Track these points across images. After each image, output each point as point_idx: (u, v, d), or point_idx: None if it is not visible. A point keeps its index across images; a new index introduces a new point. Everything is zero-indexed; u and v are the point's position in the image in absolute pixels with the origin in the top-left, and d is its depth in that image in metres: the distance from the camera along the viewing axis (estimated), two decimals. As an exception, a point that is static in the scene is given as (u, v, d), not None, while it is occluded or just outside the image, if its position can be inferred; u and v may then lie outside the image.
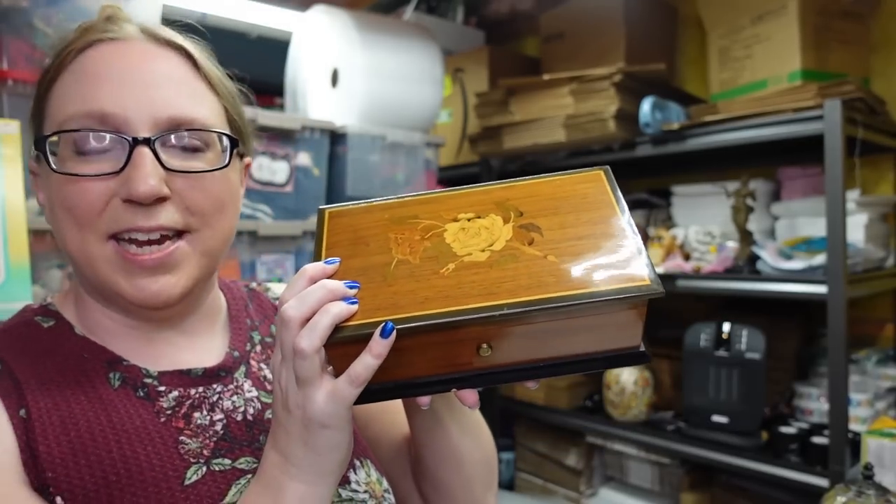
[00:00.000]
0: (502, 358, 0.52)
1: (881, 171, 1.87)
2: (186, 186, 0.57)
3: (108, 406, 0.58)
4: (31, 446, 0.53)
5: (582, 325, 0.51)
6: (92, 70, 0.57)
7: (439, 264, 0.53)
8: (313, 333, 0.48)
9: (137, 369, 0.61)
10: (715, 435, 1.71)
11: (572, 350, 0.52)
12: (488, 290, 0.50)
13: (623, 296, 0.48)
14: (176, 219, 0.57)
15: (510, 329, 0.50)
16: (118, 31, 0.59)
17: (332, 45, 1.88)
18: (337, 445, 0.52)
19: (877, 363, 1.74)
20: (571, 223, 0.55)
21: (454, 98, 2.44)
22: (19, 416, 0.54)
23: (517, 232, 0.54)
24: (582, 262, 0.51)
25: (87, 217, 0.55)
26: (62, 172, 0.55)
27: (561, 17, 2.27)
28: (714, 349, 1.72)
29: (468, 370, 0.52)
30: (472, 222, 0.56)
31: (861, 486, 1.13)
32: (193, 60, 0.61)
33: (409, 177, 1.96)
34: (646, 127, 1.80)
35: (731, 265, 1.72)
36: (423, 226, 0.56)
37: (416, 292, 0.51)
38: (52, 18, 1.29)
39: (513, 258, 0.52)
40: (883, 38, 1.85)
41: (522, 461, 2.29)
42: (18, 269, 1.13)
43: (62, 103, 0.57)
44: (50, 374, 0.58)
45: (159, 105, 0.56)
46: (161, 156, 0.56)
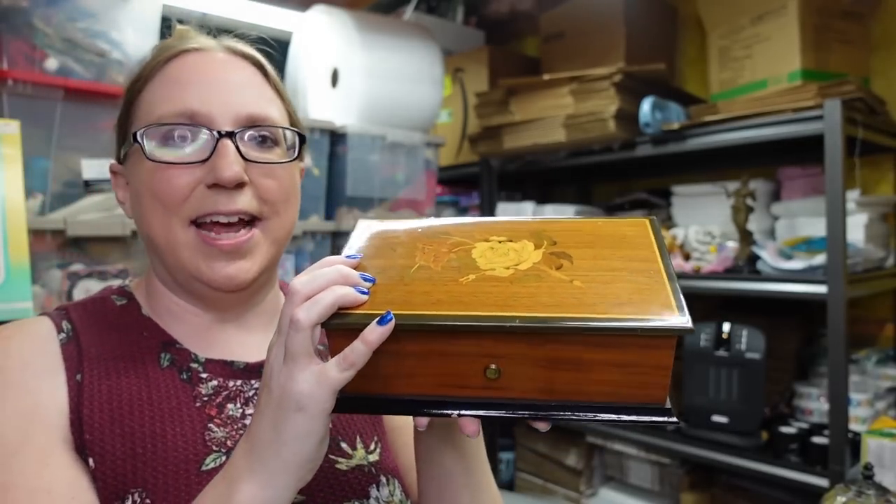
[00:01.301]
0: (511, 386, 0.49)
1: (881, 171, 1.87)
2: (261, 175, 0.64)
3: (152, 383, 0.63)
4: (79, 409, 0.59)
5: (599, 362, 0.47)
6: (180, 76, 0.64)
7: (460, 274, 0.51)
8: (313, 307, 0.48)
9: (188, 353, 0.66)
10: (715, 435, 1.71)
11: (588, 394, 0.48)
12: (504, 301, 0.48)
13: (646, 326, 0.45)
14: (253, 204, 0.63)
15: (520, 349, 0.47)
16: (200, 43, 0.67)
17: (332, 45, 1.88)
18: (305, 434, 0.49)
19: (877, 363, 1.74)
20: (605, 256, 0.52)
21: (454, 98, 2.44)
22: (75, 379, 0.60)
23: (546, 257, 0.52)
24: (609, 291, 0.48)
25: (173, 202, 0.61)
26: (156, 160, 0.61)
27: (561, 17, 2.27)
28: (714, 349, 1.72)
29: (474, 396, 0.49)
30: (503, 244, 0.55)
31: (861, 486, 1.13)
32: (264, 70, 0.69)
33: (409, 177, 1.96)
34: (646, 127, 1.80)
35: (731, 265, 1.72)
36: (453, 241, 0.56)
37: (431, 294, 0.49)
38: (52, 18, 1.29)
39: (536, 278, 0.50)
40: (883, 37, 1.85)
41: (522, 461, 2.29)
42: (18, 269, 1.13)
43: (153, 106, 0.64)
44: (110, 346, 0.64)
45: (239, 105, 0.63)
46: (240, 148, 0.62)
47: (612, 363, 0.47)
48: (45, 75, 1.27)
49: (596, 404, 0.48)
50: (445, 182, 2.55)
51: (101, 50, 1.35)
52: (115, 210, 1.35)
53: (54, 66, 1.29)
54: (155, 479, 0.57)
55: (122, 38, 1.39)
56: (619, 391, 0.48)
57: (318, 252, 1.76)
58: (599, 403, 0.48)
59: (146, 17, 1.43)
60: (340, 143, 1.80)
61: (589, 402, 0.48)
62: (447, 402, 0.50)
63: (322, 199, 1.79)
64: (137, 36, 1.41)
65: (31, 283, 1.17)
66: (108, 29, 1.37)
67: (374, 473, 0.68)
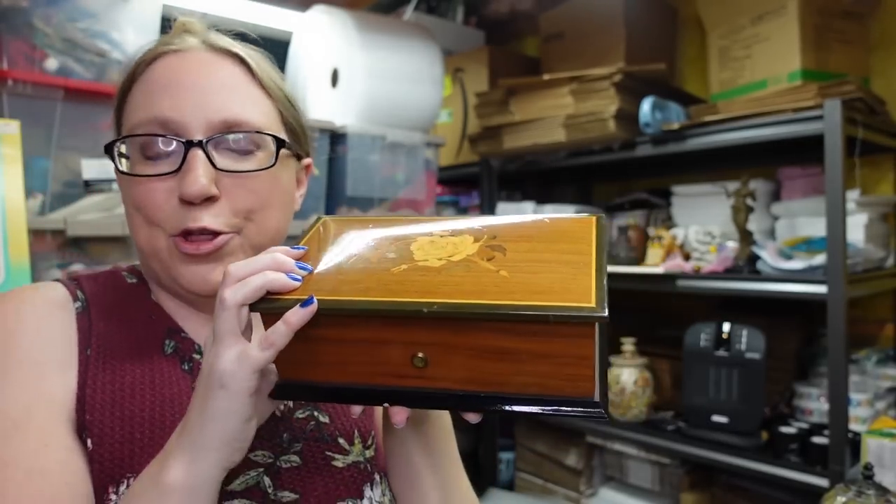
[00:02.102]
0: (440, 376, 0.49)
1: (881, 171, 1.87)
2: (234, 185, 0.61)
3: (155, 369, 0.62)
4: (83, 387, 0.58)
5: (524, 352, 0.47)
6: (156, 81, 0.62)
7: (394, 264, 0.52)
8: (240, 289, 0.49)
9: (191, 343, 0.65)
10: (715, 435, 1.71)
11: (517, 385, 0.49)
12: (427, 289, 0.48)
13: (559, 313, 0.45)
14: (221, 220, 0.61)
15: (443, 337, 0.48)
16: (181, 43, 0.64)
17: (332, 45, 1.88)
18: (227, 412, 0.49)
19: (877, 363, 1.74)
20: (539, 249, 0.52)
21: (454, 98, 2.44)
22: (85, 353, 0.60)
23: (481, 250, 0.53)
24: (532, 280, 0.48)
25: (152, 214, 0.60)
26: (127, 174, 0.61)
27: (561, 17, 2.27)
28: (714, 349, 1.72)
29: (403, 385, 0.51)
30: (444, 238, 0.56)
31: (861, 486, 1.13)
32: (248, 67, 0.65)
33: (409, 177, 1.96)
34: (646, 127, 1.80)
35: (731, 265, 1.72)
36: (397, 234, 0.57)
37: (361, 282, 0.50)
38: (52, 18, 1.29)
39: (465, 268, 0.50)
40: (883, 37, 1.85)
41: (522, 461, 2.29)
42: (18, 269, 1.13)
43: (132, 112, 0.63)
44: (117, 324, 0.63)
45: (213, 109, 0.61)
46: (213, 156, 0.60)
47: (536, 353, 0.47)
48: (45, 75, 1.27)
49: (524, 396, 0.49)
50: (445, 182, 2.55)
51: (101, 50, 1.35)
52: (115, 210, 1.35)
53: (54, 66, 1.29)
54: None
55: (122, 38, 1.39)
56: (546, 382, 0.48)
57: (318, 252, 1.76)
58: (528, 395, 0.49)
59: (146, 17, 1.43)
60: (340, 143, 1.80)
61: (517, 394, 0.49)
62: (379, 391, 0.51)
63: (322, 199, 1.79)
64: (137, 36, 1.41)
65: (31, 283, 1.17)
66: (108, 29, 1.37)
67: (368, 471, 0.67)
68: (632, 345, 1.95)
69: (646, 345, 2.00)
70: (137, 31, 1.41)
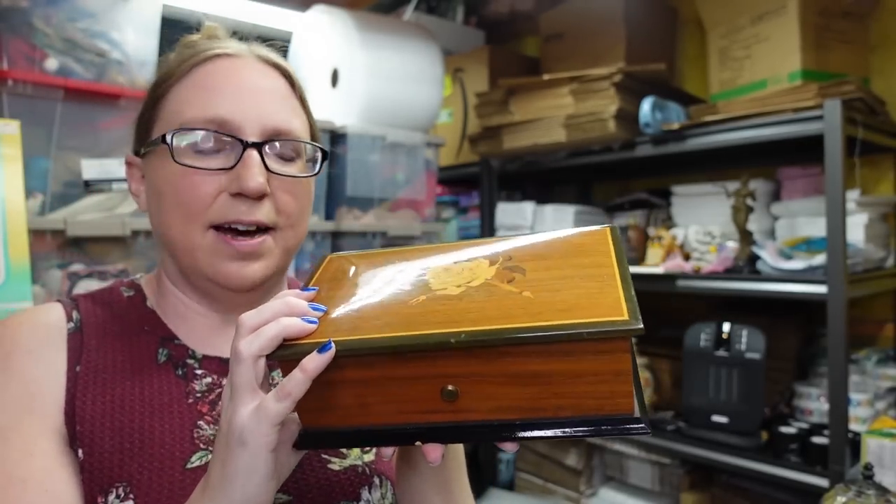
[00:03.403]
0: (473, 407, 0.47)
1: (881, 171, 1.87)
2: (281, 188, 0.65)
3: (146, 379, 0.63)
4: (73, 400, 0.60)
5: (557, 373, 0.45)
6: (211, 81, 0.64)
7: (410, 296, 0.50)
8: (255, 340, 0.48)
9: (185, 350, 0.67)
10: (715, 435, 1.71)
11: (552, 409, 0.46)
12: (451, 319, 0.46)
13: (593, 330, 0.43)
14: (271, 217, 0.64)
15: (473, 367, 0.46)
16: (233, 49, 0.67)
17: (332, 45, 1.88)
18: (248, 471, 0.48)
19: (877, 363, 1.74)
20: (558, 266, 0.51)
21: (454, 98, 2.44)
22: (74, 370, 0.62)
23: (499, 272, 0.51)
24: (557, 298, 0.46)
25: (197, 207, 0.62)
26: (184, 164, 0.62)
27: (561, 17, 2.27)
28: (714, 349, 1.72)
29: (434, 421, 0.48)
30: (458, 265, 0.54)
31: (861, 486, 1.13)
32: (291, 80, 0.69)
33: (409, 177, 1.96)
34: (646, 127, 1.80)
35: (731, 265, 1.72)
36: (409, 267, 0.56)
37: (379, 318, 0.48)
38: (52, 18, 1.29)
39: (487, 293, 0.49)
40: (883, 37, 1.85)
41: (522, 461, 2.29)
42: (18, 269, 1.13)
43: (182, 107, 0.64)
44: (110, 340, 0.65)
45: (266, 116, 0.64)
46: (265, 159, 0.63)
47: (570, 374, 0.45)
48: (45, 75, 1.27)
49: (561, 420, 0.46)
50: (445, 182, 2.55)
51: (101, 50, 1.35)
52: (115, 210, 1.35)
53: (54, 66, 1.29)
54: (140, 474, 0.58)
55: (122, 38, 1.39)
56: (582, 403, 0.46)
57: (318, 252, 1.76)
58: (564, 419, 0.46)
59: (146, 17, 1.43)
60: (340, 143, 1.80)
61: (553, 418, 0.47)
62: (409, 430, 0.49)
63: (322, 199, 1.79)
64: (137, 36, 1.41)
65: (31, 283, 1.17)
66: (108, 29, 1.37)
67: (367, 474, 0.67)
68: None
69: (646, 345, 2.00)
70: (137, 31, 1.41)
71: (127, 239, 1.36)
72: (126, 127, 1.39)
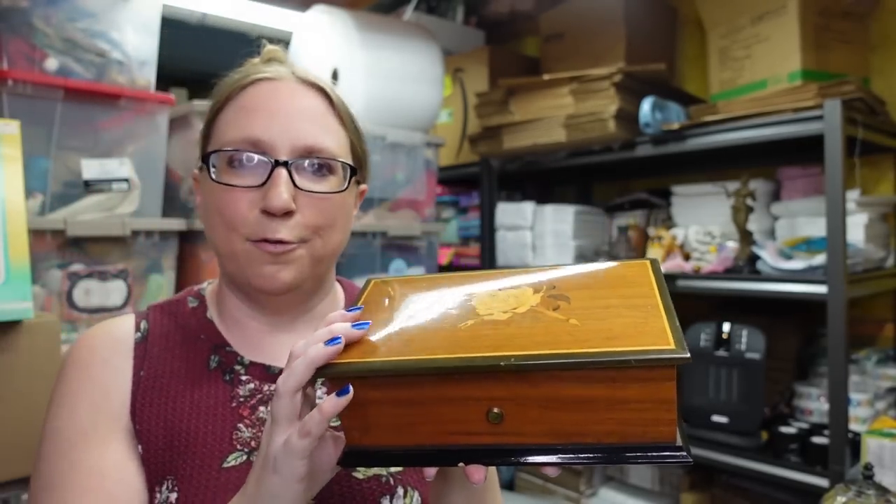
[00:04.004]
0: (517, 430, 0.48)
1: (881, 171, 1.87)
2: (308, 204, 0.68)
3: (196, 383, 0.70)
4: (135, 401, 0.68)
5: (601, 399, 0.46)
6: (250, 104, 0.69)
7: (459, 321, 0.52)
8: (290, 375, 0.51)
9: (234, 356, 0.72)
10: (715, 435, 1.71)
11: (595, 434, 0.47)
12: (499, 343, 0.48)
13: (641, 357, 0.44)
14: (296, 233, 0.68)
15: (519, 390, 0.47)
16: (273, 72, 0.72)
17: (332, 45, 1.88)
18: (274, 496, 0.52)
19: (877, 363, 1.74)
20: (603, 296, 0.52)
21: (454, 98, 2.44)
22: (139, 375, 0.69)
23: (545, 300, 0.53)
24: (603, 326, 0.48)
25: (234, 220, 0.67)
26: (219, 182, 0.68)
27: (561, 17, 2.27)
28: (714, 349, 1.72)
29: (479, 443, 0.49)
30: (504, 292, 0.55)
31: (861, 486, 1.13)
32: (330, 99, 0.73)
33: (409, 177, 1.96)
34: (646, 127, 1.80)
35: (731, 265, 1.72)
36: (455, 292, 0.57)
37: (428, 340, 0.50)
38: (52, 18, 1.29)
39: (533, 319, 0.50)
40: (883, 37, 1.85)
41: (522, 461, 2.29)
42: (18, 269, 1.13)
43: (225, 129, 0.70)
44: (172, 346, 0.72)
45: (298, 135, 0.68)
46: (294, 176, 0.67)
47: (615, 400, 0.46)
48: (45, 75, 1.27)
49: (604, 446, 0.47)
50: (445, 182, 2.55)
51: (101, 50, 1.35)
52: (115, 210, 1.35)
53: (54, 66, 1.29)
54: (184, 470, 0.64)
55: (121, 38, 1.39)
56: (625, 430, 0.47)
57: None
58: (607, 445, 0.47)
59: (146, 17, 1.43)
60: (340, 143, 1.79)
61: (596, 444, 0.48)
62: (453, 450, 0.49)
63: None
64: (137, 36, 1.41)
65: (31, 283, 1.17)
66: (108, 29, 1.37)
67: (391, 484, 0.69)
68: (632, 345, 1.95)
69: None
70: (137, 31, 1.41)
71: (127, 239, 1.36)
72: (126, 126, 1.39)
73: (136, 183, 1.38)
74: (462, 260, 2.49)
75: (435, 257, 2.04)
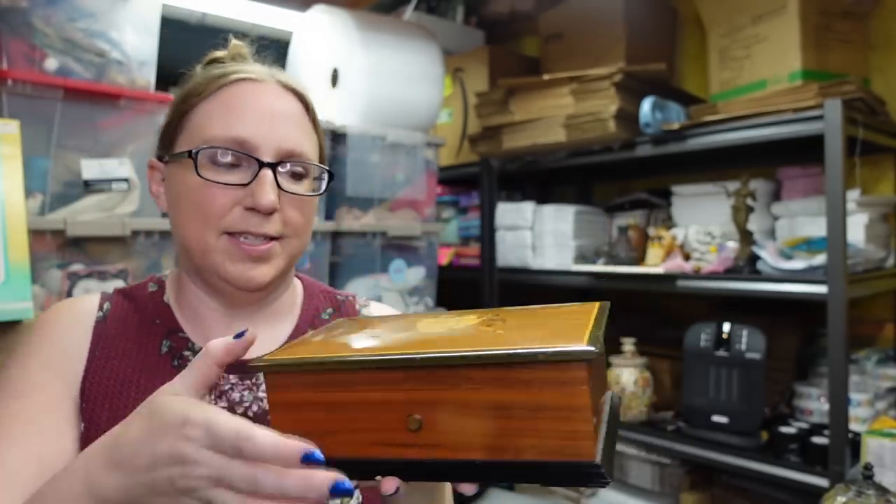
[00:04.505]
0: (436, 440, 0.47)
1: (881, 170, 1.87)
2: (289, 204, 0.72)
3: (146, 368, 0.72)
4: (86, 381, 0.70)
5: (517, 405, 0.45)
6: (235, 102, 0.71)
7: (394, 335, 0.54)
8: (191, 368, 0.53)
9: (186, 342, 0.74)
10: (715, 435, 1.71)
11: (516, 449, 0.46)
12: (422, 343, 0.49)
13: (548, 351, 0.43)
14: (278, 229, 0.71)
15: (436, 392, 0.46)
16: (256, 74, 0.74)
17: (332, 45, 1.88)
18: None
19: (877, 363, 1.74)
20: (540, 318, 0.53)
21: (454, 98, 2.44)
22: (94, 353, 0.72)
23: (483, 321, 0.54)
24: (525, 334, 0.48)
25: (213, 216, 0.69)
26: (206, 179, 0.69)
27: (561, 17, 2.27)
28: (714, 349, 1.72)
29: (397, 457, 0.48)
30: (451, 318, 0.57)
31: (861, 486, 1.13)
32: (306, 105, 0.76)
33: (409, 177, 1.96)
34: (646, 127, 1.80)
35: (732, 265, 1.72)
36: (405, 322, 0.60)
37: (358, 346, 0.52)
38: (52, 18, 1.29)
39: (464, 331, 0.51)
40: (883, 37, 1.85)
41: (522, 461, 2.29)
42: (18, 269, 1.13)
43: (207, 123, 0.71)
44: (126, 329, 0.74)
45: (281, 138, 0.71)
46: (277, 178, 0.70)
47: (530, 406, 0.44)
48: (44, 75, 1.27)
49: (521, 462, 0.46)
50: (445, 182, 2.55)
51: (100, 50, 1.35)
52: (115, 210, 1.35)
53: (54, 66, 1.29)
54: None
55: (121, 38, 1.39)
56: (543, 444, 0.45)
57: (317, 252, 1.76)
58: (525, 462, 0.45)
59: (146, 17, 1.43)
60: (340, 143, 1.79)
61: (514, 461, 0.46)
62: (372, 463, 0.49)
63: (322, 199, 1.79)
64: (137, 36, 1.41)
65: (31, 283, 1.17)
66: (108, 29, 1.37)
67: None
68: (632, 345, 1.95)
69: (646, 345, 2.00)
70: (137, 31, 1.41)
71: (127, 239, 1.36)
72: (126, 126, 1.39)
73: (135, 183, 1.38)
74: (462, 260, 2.49)
75: (435, 257, 2.04)
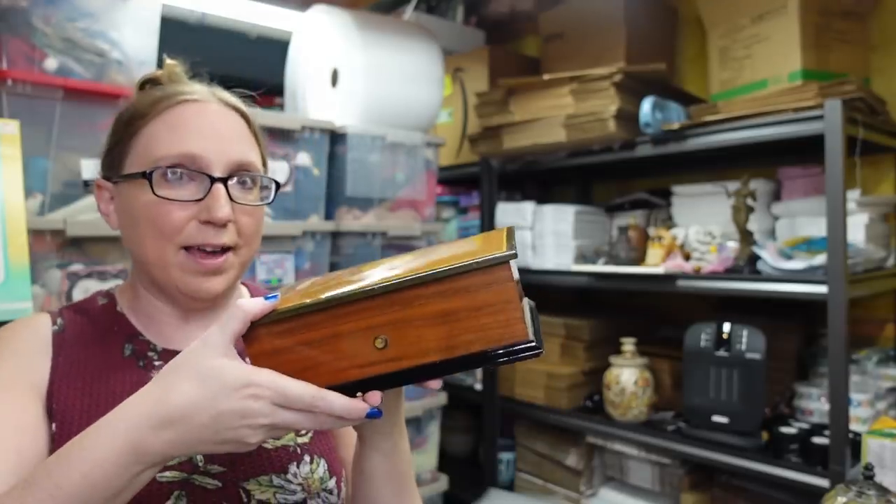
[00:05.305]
0: (400, 353, 0.57)
1: (881, 170, 1.87)
2: (242, 214, 0.77)
3: (111, 371, 0.76)
4: (53, 382, 0.73)
5: (461, 309, 0.56)
6: (181, 122, 0.75)
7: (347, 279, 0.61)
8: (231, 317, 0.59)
9: (147, 344, 0.79)
10: (715, 435, 1.71)
11: (466, 344, 0.57)
12: (374, 281, 0.58)
13: (479, 259, 0.55)
14: (233, 238, 0.76)
15: (395, 313, 0.57)
16: (199, 94, 0.78)
17: (332, 45, 1.88)
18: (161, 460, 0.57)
19: (877, 363, 1.73)
20: (461, 248, 0.62)
21: (454, 98, 2.44)
22: (57, 360, 0.75)
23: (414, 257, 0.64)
24: (457, 254, 0.58)
25: (170, 232, 0.73)
26: (161, 196, 0.72)
27: (561, 17, 2.27)
28: (714, 349, 1.72)
29: (372, 374, 0.58)
30: (384, 262, 0.66)
31: (861, 486, 1.13)
32: (248, 120, 0.82)
33: (409, 177, 1.96)
34: (646, 127, 1.80)
35: (732, 265, 1.72)
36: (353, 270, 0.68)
37: (319, 293, 0.59)
38: (52, 18, 1.28)
39: (403, 265, 0.60)
40: (883, 37, 1.85)
41: (522, 461, 2.29)
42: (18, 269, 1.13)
43: (155, 144, 0.75)
44: (85, 336, 0.78)
45: (229, 152, 0.76)
46: (229, 191, 0.75)
47: (471, 308, 0.56)
48: (44, 75, 1.27)
49: (471, 354, 0.57)
50: (445, 182, 2.55)
51: (100, 50, 1.35)
52: (114, 210, 1.35)
53: (54, 66, 1.29)
54: None
55: (121, 38, 1.39)
56: (486, 335, 0.57)
57: (317, 252, 1.75)
58: (474, 353, 0.57)
59: (146, 17, 1.43)
60: (340, 143, 1.79)
61: (466, 354, 0.57)
62: (350, 384, 0.58)
63: (322, 199, 1.79)
64: (137, 36, 1.41)
65: (31, 283, 1.17)
66: (108, 29, 1.36)
67: (297, 453, 0.78)
68: (632, 345, 1.95)
69: (646, 345, 2.00)
70: (137, 31, 1.41)
71: (126, 239, 1.36)
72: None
73: (135, 183, 1.37)
74: (462, 260, 2.49)
75: (435, 257, 2.03)
